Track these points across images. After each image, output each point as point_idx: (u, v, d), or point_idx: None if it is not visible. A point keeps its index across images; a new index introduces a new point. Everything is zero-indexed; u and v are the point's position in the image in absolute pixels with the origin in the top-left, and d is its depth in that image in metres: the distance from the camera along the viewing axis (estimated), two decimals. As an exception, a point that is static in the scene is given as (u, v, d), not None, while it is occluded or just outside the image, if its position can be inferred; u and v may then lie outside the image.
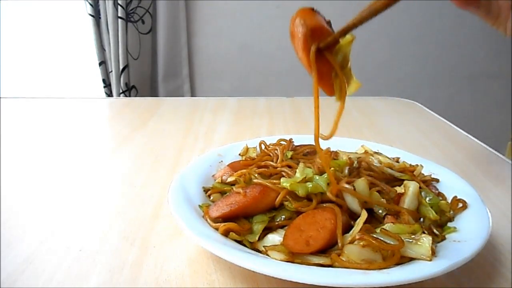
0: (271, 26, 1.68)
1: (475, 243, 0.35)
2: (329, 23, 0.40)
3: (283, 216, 0.39)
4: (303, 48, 0.38)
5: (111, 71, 1.57)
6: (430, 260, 0.33)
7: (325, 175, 0.42)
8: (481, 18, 0.48)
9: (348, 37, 0.39)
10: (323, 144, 0.53)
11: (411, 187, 0.42)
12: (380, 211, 0.39)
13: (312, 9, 0.39)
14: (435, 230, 0.39)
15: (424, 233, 0.37)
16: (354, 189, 0.39)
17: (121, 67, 1.54)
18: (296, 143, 0.55)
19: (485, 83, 1.82)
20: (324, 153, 0.49)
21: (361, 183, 0.40)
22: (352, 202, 0.39)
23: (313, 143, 0.55)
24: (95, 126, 0.84)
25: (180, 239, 0.42)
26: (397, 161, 0.53)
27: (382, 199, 0.41)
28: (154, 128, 0.80)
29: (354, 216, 0.38)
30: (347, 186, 0.39)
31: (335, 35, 0.38)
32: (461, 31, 1.71)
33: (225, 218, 0.39)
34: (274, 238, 0.37)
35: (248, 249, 0.37)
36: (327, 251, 0.35)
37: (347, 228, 0.37)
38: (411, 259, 0.34)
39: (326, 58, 0.39)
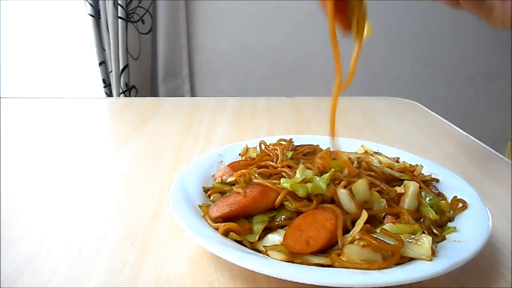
0: (271, 26, 1.68)
1: (475, 243, 0.35)
2: None
3: (283, 216, 0.39)
4: None
5: (111, 71, 1.57)
6: (430, 260, 0.33)
7: (325, 176, 0.41)
8: (476, 16, 0.48)
9: None
10: (324, 144, 0.53)
11: (411, 187, 0.42)
12: (380, 211, 0.39)
13: None
14: (435, 230, 0.39)
15: (424, 233, 0.37)
16: (352, 193, 0.39)
17: (121, 67, 1.53)
18: (296, 143, 0.55)
19: (485, 83, 1.82)
20: (324, 153, 0.49)
21: (361, 185, 0.40)
22: (350, 206, 0.39)
23: (313, 143, 0.55)
24: (95, 126, 0.84)
25: (180, 239, 0.42)
26: (397, 161, 0.53)
27: (382, 199, 0.41)
28: (154, 128, 0.80)
29: (354, 218, 0.38)
30: (343, 191, 0.39)
31: None
32: (461, 31, 1.71)
33: (225, 218, 0.39)
34: (274, 238, 0.37)
35: (248, 249, 0.37)
36: (327, 251, 0.35)
37: (347, 229, 0.37)
38: (411, 259, 0.34)
39: None
